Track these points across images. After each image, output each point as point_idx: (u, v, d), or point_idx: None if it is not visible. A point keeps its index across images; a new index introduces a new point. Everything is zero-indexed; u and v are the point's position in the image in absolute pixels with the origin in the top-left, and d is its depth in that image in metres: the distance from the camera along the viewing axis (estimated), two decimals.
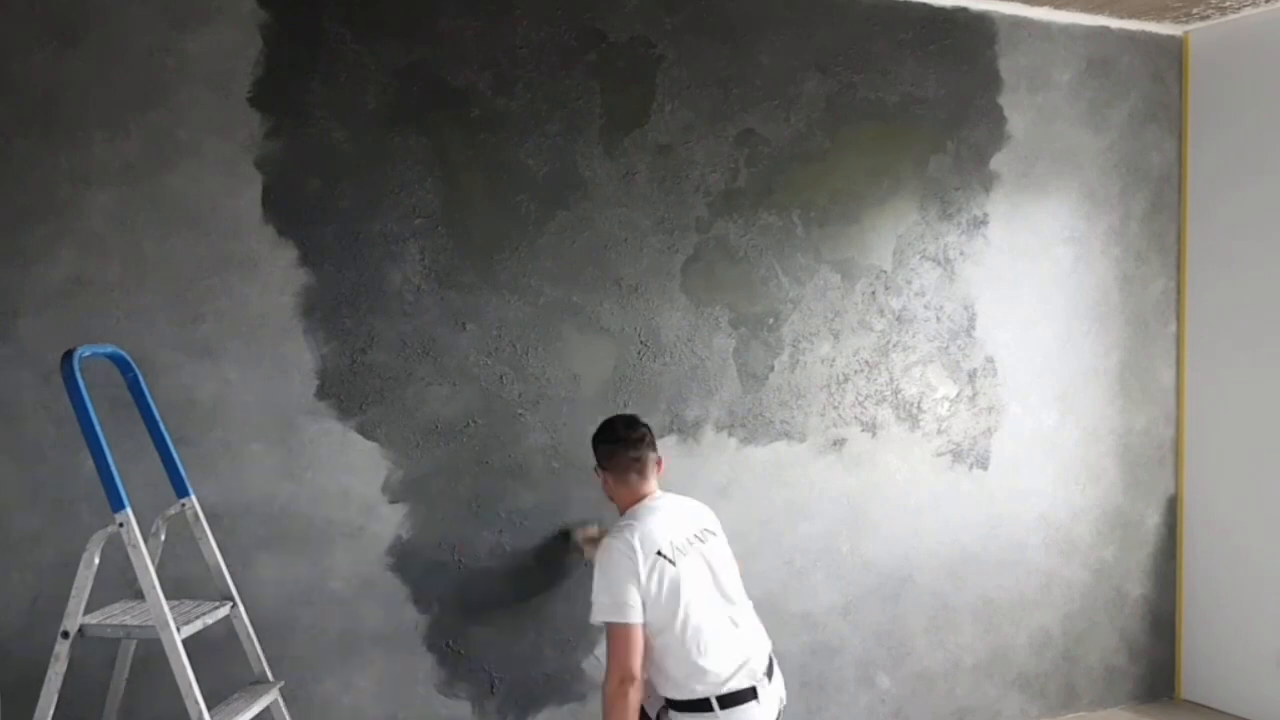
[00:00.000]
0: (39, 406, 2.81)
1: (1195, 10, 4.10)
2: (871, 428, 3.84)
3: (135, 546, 2.37)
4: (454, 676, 3.27)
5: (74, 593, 2.40)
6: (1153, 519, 4.37)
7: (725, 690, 2.70)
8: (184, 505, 2.73)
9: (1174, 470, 4.41)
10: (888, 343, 3.85)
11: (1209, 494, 4.31)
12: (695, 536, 2.85)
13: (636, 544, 2.74)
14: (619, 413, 3.12)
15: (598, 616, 2.72)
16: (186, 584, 2.85)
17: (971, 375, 4.00)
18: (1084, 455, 4.22)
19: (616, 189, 3.43)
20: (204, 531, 2.72)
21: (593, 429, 2.99)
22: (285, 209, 3.05)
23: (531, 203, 3.33)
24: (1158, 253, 4.34)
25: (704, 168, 3.54)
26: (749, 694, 2.72)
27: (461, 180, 3.24)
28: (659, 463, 2.99)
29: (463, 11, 3.22)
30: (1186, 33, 4.34)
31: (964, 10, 3.94)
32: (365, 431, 3.15)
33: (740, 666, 2.73)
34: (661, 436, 3.50)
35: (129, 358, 2.69)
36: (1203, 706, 4.33)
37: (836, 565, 3.78)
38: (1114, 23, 4.20)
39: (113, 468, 2.37)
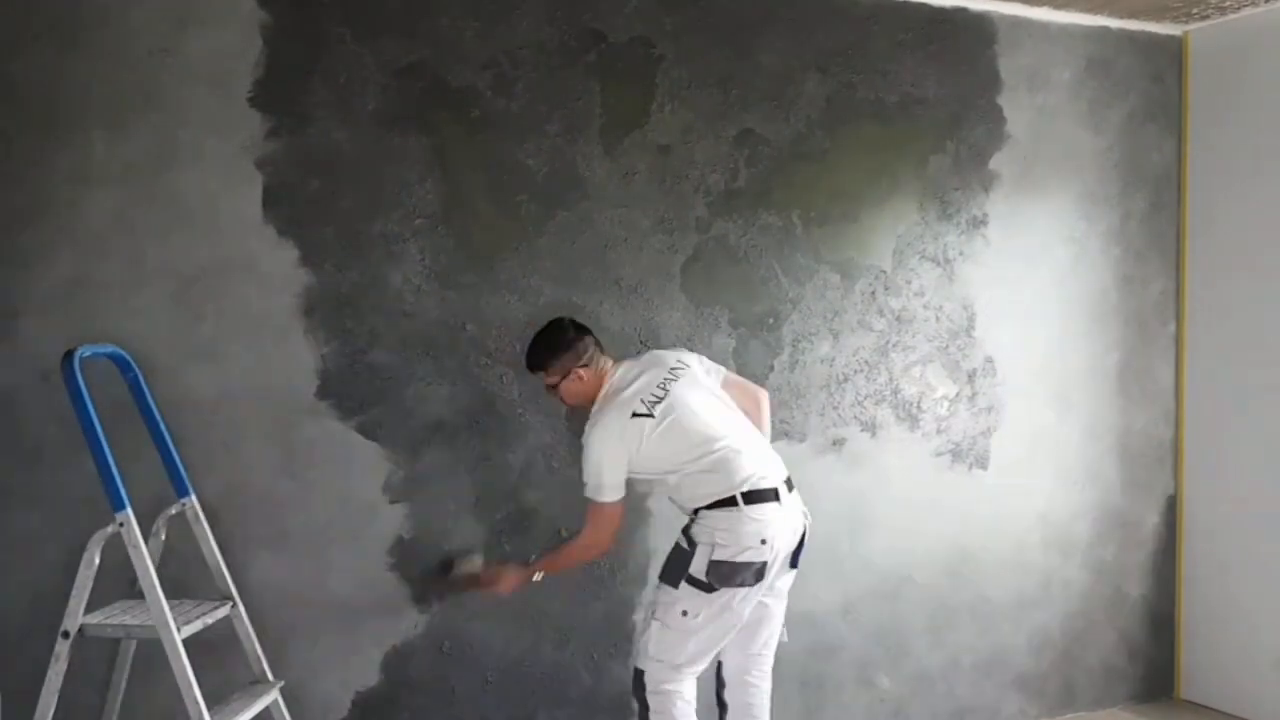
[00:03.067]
0: (39, 406, 2.81)
1: (1195, 10, 4.10)
2: (871, 427, 3.84)
3: (135, 546, 2.37)
4: (454, 676, 3.28)
5: (74, 593, 2.40)
6: (1152, 519, 4.37)
7: (747, 488, 2.86)
8: (184, 505, 2.73)
9: (1173, 470, 4.41)
10: (887, 343, 3.85)
11: (1209, 494, 4.31)
12: (666, 378, 2.97)
13: (615, 417, 2.90)
14: (540, 329, 3.08)
15: (586, 493, 2.91)
16: (186, 584, 2.85)
17: (971, 375, 4.00)
18: (1083, 455, 4.22)
19: (616, 189, 3.43)
20: (204, 531, 2.72)
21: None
22: (285, 209, 3.05)
23: (531, 203, 3.33)
24: (1158, 253, 4.34)
25: (704, 168, 3.54)
26: (770, 494, 2.89)
27: (461, 180, 3.24)
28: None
29: (463, 11, 3.22)
30: (1186, 33, 4.33)
31: (964, 10, 3.94)
32: (365, 431, 3.15)
33: (752, 474, 2.88)
34: None
35: (129, 358, 2.70)
36: (1202, 707, 4.32)
37: (836, 565, 3.78)
38: (1114, 23, 4.20)
39: (113, 468, 2.37)
